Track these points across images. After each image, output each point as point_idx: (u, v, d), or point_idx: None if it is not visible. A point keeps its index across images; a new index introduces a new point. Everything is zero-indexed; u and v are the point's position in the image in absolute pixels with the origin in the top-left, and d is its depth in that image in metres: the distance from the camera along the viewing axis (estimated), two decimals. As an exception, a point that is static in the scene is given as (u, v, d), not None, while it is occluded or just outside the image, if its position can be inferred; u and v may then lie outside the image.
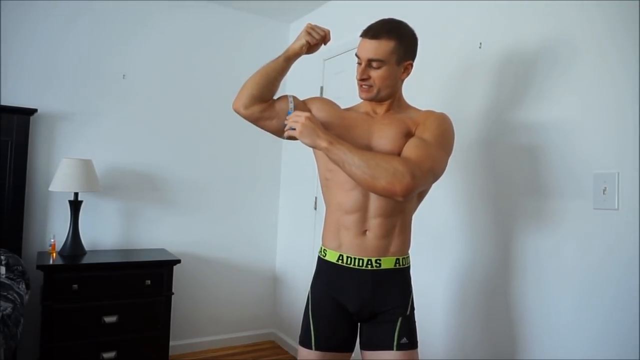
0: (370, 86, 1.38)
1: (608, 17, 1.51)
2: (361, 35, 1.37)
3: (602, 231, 1.48)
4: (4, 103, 2.55)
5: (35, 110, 2.60)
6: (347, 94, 1.55)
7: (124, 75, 2.95)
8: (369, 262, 1.38)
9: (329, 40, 1.43)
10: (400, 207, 1.39)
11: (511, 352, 1.76)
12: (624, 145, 1.43)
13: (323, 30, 1.40)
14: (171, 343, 2.73)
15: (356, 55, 1.39)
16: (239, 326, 3.37)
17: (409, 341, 1.38)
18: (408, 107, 1.49)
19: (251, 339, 3.40)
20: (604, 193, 1.47)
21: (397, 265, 1.42)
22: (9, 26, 2.61)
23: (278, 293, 3.49)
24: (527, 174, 1.74)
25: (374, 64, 1.35)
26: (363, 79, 1.37)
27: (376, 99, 1.41)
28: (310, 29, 1.38)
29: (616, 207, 1.44)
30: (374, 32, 1.34)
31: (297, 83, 3.45)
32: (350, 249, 1.39)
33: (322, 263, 1.48)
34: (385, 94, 1.40)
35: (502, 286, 1.80)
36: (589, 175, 1.52)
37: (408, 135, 1.37)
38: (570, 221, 1.58)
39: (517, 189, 1.77)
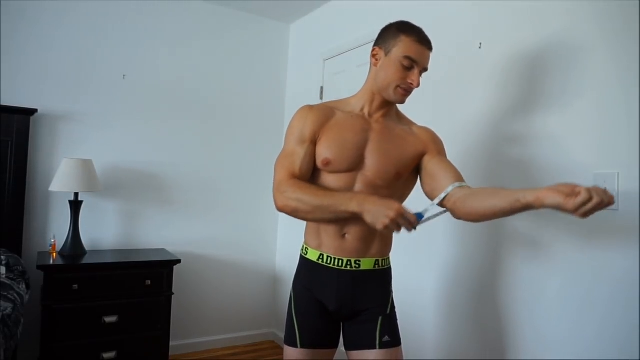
0: (411, 92, 1.39)
1: (608, 17, 1.51)
2: (418, 42, 1.33)
3: (602, 231, 1.48)
4: (4, 103, 2.55)
5: (35, 110, 2.60)
6: (346, 94, 1.54)
7: (124, 75, 2.95)
8: (349, 263, 1.40)
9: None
10: None
11: (500, 353, 1.76)
12: (624, 145, 1.43)
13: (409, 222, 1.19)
14: (171, 343, 2.73)
15: (410, 58, 1.33)
16: (239, 326, 3.37)
17: (392, 339, 1.39)
18: (399, 113, 1.50)
19: (251, 339, 3.40)
20: (604, 193, 1.47)
21: (377, 266, 1.43)
22: (9, 26, 2.61)
23: (278, 293, 3.49)
24: (526, 174, 1.73)
25: (422, 73, 1.37)
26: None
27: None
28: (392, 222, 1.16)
29: (616, 207, 1.43)
30: (429, 43, 1.36)
31: (297, 83, 3.45)
32: (330, 249, 1.41)
33: (303, 261, 1.49)
34: None
35: (497, 286, 1.80)
36: (589, 175, 1.52)
37: (421, 155, 1.42)
38: (569, 221, 1.58)
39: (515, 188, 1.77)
